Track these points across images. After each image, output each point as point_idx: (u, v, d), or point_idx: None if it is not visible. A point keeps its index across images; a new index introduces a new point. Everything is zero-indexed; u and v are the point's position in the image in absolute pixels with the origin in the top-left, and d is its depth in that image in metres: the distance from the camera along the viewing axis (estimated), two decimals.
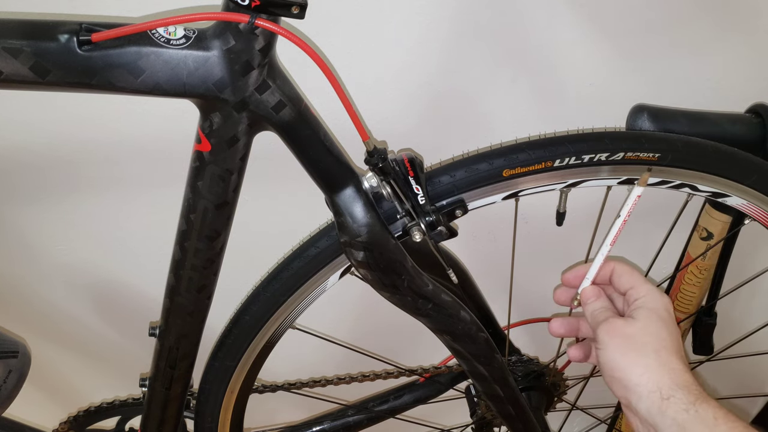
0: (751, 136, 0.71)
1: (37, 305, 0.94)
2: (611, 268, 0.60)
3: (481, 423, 0.91)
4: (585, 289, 0.61)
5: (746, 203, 0.69)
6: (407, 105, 0.81)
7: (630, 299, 0.58)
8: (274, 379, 0.93)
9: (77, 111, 0.76)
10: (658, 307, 0.55)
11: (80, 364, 1.03)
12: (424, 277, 0.64)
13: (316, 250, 0.65)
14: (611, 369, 0.54)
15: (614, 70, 0.81)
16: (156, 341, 0.68)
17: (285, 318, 0.70)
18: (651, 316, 0.54)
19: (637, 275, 0.58)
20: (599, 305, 0.59)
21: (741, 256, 0.88)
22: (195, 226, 0.58)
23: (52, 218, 0.85)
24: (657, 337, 0.53)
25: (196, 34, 0.49)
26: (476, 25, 0.75)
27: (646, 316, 0.54)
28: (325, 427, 0.92)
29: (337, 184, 0.58)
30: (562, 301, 0.64)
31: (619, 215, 0.60)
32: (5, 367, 0.72)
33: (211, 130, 0.52)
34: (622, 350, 0.53)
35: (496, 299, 0.86)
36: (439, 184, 0.62)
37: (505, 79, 0.80)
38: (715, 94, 0.85)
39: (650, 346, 0.52)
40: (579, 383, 0.97)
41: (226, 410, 0.76)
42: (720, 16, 0.79)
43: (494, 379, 0.73)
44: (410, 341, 1.04)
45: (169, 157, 0.79)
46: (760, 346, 1.02)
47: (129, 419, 0.86)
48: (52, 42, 0.45)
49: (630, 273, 0.59)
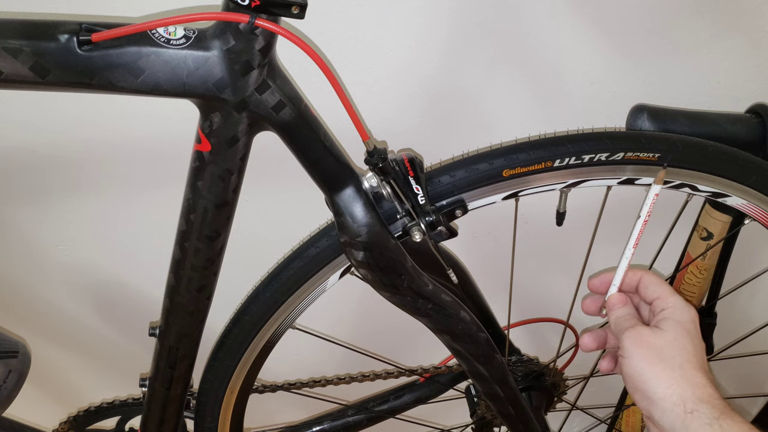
0: (751, 136, 0.71)
1: (37, 305, 0.94)
2: (638, 278, 0.60)
3: (481, 423, 0.91)
4: (611, 296, 0.61)
5: (746, 203, 0.69)
6: (407, 105, 0.81)
7: (656, 309, 0.57)
8: (274, 379, 0.93)
9: (77, 111, 0.76)
10: (686, 320, 0.55)
11: (80, 364, 1.03)
12: (424, 277, 0.64)
13: (316, 250, 0.65)
14: (635, 380, 0.53)
15: (614, 70, 0.81)
16: (156, 341, 0.68)
17: (285, 318, 0.70)
18: (678, 329, 0.54)
19: (665, 286, 0.58)
20: (625, 312, 0.59)
21: (741, 256, 0.88)
22: (195, 226, 0.57)
23: (53, 218, 0.85)
24: (683, 350, 0.53)
25: (196, 34, 0.49)
26: (476, 25, 0.75)
27: (673, 329, 0.54)
28: (325, 427, 0.92)
29: (337, 184, 0.58)
30: (591, 311, 0.64)
31: (639, 216, 0.60)
32: (5, 367, 0.72)
33: (211, 130, 0.52)
34: (649, 361, 0.53)
35: (496, 299, 0.86)
36: (439, 184, 0.62)
37: (505, 78, 0.80)
38: (715, 94, 0.85)
39: (677, 360, 0.52)
40: (579, 383, 0.97)
41: (226, 410, 0.76)
42: (720, 16, 0.79)
43: (494, 379, 0.73)
44: (410, 341, 1.04)
45: (169, 157, 0.79)
46: (760, 346, 1.02)
47: (129, 419, 0.86)
48: (52, 42, 0.45)
49: (658, 283, 0.58)
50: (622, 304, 0.60)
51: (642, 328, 0.55)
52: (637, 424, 1.18)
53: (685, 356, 0.52)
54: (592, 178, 0.65)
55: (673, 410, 0.50)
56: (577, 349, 1.00)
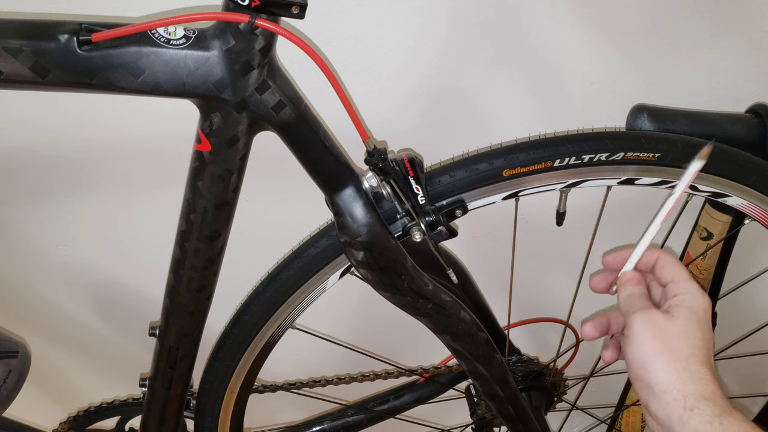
0: (751, 136, 0.71)
1: (37, 305, 0.94)
2: (656, 257, 0.57)
3: (481, 423, 0.91)
4: (625, 273, 0.57)
5: (746, 203, 0.69)
6: (407, 105, 0.81)
7: (669, 293, 0.54)
8: (274, 379, 0.93)
9: (78, 111, 0.76)
10: (699, 309, 0.52)
11: (80, 364, 1.03)
12: (424, 277, 0.64)
13: (316, 250, 0.65)
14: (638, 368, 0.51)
15: (614, 69, 0.81)
16: (156, 341, 0.68)
17: (285, 318, 0.70)
18: (690, 317, 0.52)
19: (682, 269, 0.55)
20: (638, 291, 0.56)
21: (741, 256, 0.88)
22: (195, 226, 0.57)
23: (53, 218, 0.85)
24: (692, 342, 0.51)
25: (196, 34, 0.49)
26: (476, 24, 0.75)
27: (685, 316, 0.52)
28: (325, 427, 0.92)
29: (337, 184, 0.58)
30: (599, 288, 0.60)
31: (673, 192, 0.55)
32: (5, 367, 0.72)
33: (211, 130, 0.52)
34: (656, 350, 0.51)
35: (496, 299, 0.86)
36: (439, 184, 0.62)
37: (505, 78, 0.80)
38: (715, 94, 0.85)
39: (684, 351, 0.51)
40: (579, 383, 0.97)
41: (226, 410, 0.76)
42: (720, 16, 0.79)
43: (494, 379, 0.73)
44: (410, 341, 1.04)
45: (169, 157, 0.79)
46: (760, 346, 1.02)
47: (129, 419, 0.86)
48: (52, 42, 0.45)
49: (676, 265, 0.55)
50: (635, 282, 0.57)
51: (654, 312, 0.53)
52: (637, 424, 1.18)
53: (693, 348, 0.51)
54: (592, 178, 0.65)
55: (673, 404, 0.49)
56: (577, 349, 1.00)
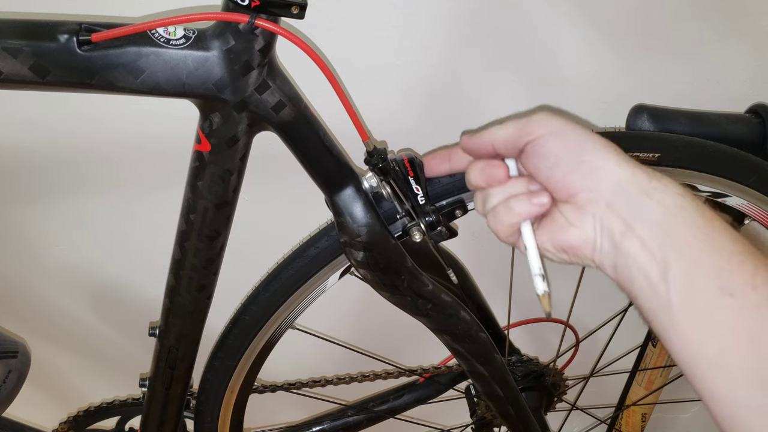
0: (751, 136, 0.71)
1: (37, 305, 0.94)
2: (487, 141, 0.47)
3: (481, 423, 0.91)
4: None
5: (746, 203, 0.69)
6: (407, 105, 0.81)
7: (529, 147, 0.45)
8: (274, 379, 0.93)
9: (78, 111, 0.76)
10: (561, 127, 0.43)
11: (80, 364, 1.03)
12: (424, 277, 0.64)
13: (316, 250, 0.65)
14: (574, 152, 0.42)
15: (614, 70, 0.81)
16: (156, 341, 0.68)
17: (285, 318, 0.70)
18: (567, 135, 0.43)
19: (517, 123, 0.45)
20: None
21: None
22: (195, 226, 0.58)
23: (53, 218, 0.85)
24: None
25: (195, 34, 0.49)
26: (476, 25, 0.75)
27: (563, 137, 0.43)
28: (325, 427, 0.92)
29: (337, 184, 0.58)
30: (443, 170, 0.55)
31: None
32: (5, 367, 0.72)
33: (211, 130, 0.52)
34: (583, 132, 0.43)
35: (496, 299, 0.86)
36: (439, 184, 0.62)
37: (504, 78, 0.80)
38: (715, 94, 0.85)
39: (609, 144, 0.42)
40: (579, 383, 0.97)
41: (226, 410, 0.76)
42: (720, 16, 0.79)
43: (494, 379, 0.73)
44: (410, 341, 1.04)
45: (169, 157, 0.79)
46: None
47: (129, 419, 0.86)
48: (52, 42, 0.45)
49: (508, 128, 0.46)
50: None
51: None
52: (637, 424, 1.18)
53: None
54: None
55: (630, 181, 0.41)
56: (577, 349, 1.00)
